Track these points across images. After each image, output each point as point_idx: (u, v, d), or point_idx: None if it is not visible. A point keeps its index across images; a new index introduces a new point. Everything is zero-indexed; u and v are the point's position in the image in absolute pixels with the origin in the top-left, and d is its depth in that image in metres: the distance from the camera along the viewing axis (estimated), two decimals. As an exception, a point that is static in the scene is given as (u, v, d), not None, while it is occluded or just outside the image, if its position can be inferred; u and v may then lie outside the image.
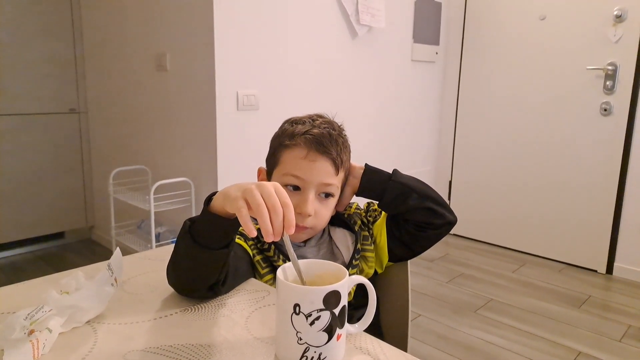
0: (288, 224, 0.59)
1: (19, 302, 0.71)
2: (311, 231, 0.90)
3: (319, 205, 0.88)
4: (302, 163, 0.86)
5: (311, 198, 0.86)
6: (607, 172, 2.59)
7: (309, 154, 0.86)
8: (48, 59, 2.69)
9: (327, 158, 0.86)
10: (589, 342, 1.93)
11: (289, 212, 0.59)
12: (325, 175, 0.86)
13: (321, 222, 0.90)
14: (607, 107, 2.55)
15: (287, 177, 0.87)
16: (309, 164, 0.86)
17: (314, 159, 0.86)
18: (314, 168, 0.86)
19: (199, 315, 0.70)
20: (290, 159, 0.87)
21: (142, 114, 2.51)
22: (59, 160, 2.82)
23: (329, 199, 0.89)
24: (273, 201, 0.59)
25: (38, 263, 2.67)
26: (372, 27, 2.61)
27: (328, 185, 0.87)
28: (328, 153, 0.86)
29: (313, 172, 0.86)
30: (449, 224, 0.92)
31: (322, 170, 0.86)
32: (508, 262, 2.81)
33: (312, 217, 0.86)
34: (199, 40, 2.06)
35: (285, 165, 0.88)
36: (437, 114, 3.28)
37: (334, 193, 0.90)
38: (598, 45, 2.56)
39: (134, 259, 0.91)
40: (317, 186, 0.86)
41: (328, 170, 0.87)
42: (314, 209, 0.86)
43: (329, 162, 0.87)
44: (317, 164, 0.86)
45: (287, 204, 0.60)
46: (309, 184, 0.86)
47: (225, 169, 2.13)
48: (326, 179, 0.87)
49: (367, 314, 0.64)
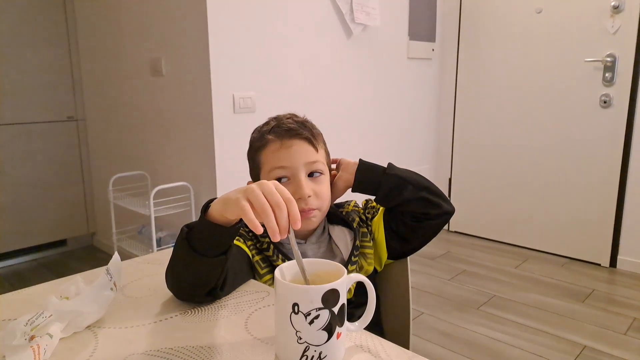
0: (293, 219, 0.59)
1: (20, 308, 0.71)
2: (318, 214, 0.89)
3: (314, 184, 0.89)
4: (280, 153, 0.87)
5: (303, 180, 0.87)
6: (608, 165, 2.59)
7: (283, 142, 0.88)
8: (44, 67, 2.70)
9: (301, 139, 0.88)
10: (594, 336, 1.93)
11: (292, 207, 0.59)
12: (307, 155, 0.88)
13: (325, 201, 0.90)
14: (606, 99, 2.55)
15: (273, 171, 0.88)
16: (286, 150, 0.87)
17: (289, 145, 0.88)
18: (293, 152, 0.87)
19: (199, 317, 0.69)
20: (268, 155, 0.89)
21: (140, 119, 2.51)
22: (59, 168, 2.82)
23: (320, 177, 0.90)
24: (276, 198, 0.59)
25: (41, 271, 2.67)
26: (367, 26, 2.62)
27: (313, 163, 0.89)
28: (300, 134, 0.88)
29: (294, 157, 0.87)
30: (445, 213, 0.92)
31: (301, 151, 0.88)
32: (510, 257, 2.81)
33: (313, 197, 0.87)
34: (194, 44, 2.06)
35: (267, 164, 0.89)
36: (435, 111, 3.27)
37: (322, 170, 0.90)
38: (596, 37, 2.55)
39: (133, 263, 0.91)
40: (304, 167, 0.88)
41: (307, 149, 0.88)
42: (310, 189, 0.87)
43: (305, 142, 0.88)
44: (294, 148, 0.88)
45: (290, 199, 0.60)
46: (295, 169, 0.87)
47: (224, 172, 2.13)
48: (308, 157, 0.88)
49: (367, 312, 0.64)
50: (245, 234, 0.89)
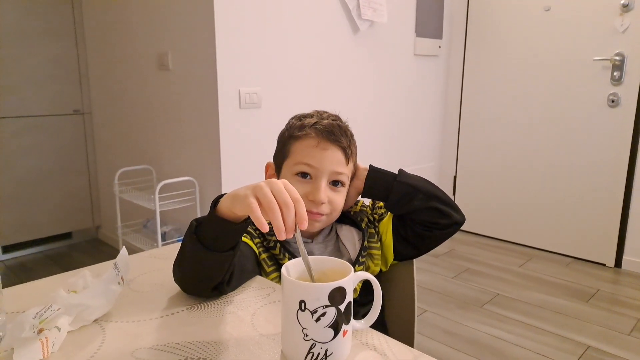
0: (300, 219, 0.59)
1: (28, 301, 0.71)
2: (326, 219, 0.89)
3: (332, 193, 0.88)
4: (313, 151, 0.87)
5: (323, 186, 0.87)
6: (614, 165, 2.57)
7: (320, 142, 0.87)
8: (51, 60, 2.71)
9: (338, 147, 0.88)
10: (598, 336, 1.92)
11: (300, 207, 0.59)
12: (337, 164, 0.88)
13: (336, 211, 0.90)
14: (614, 99, 2.53)
15: (299, 165, 0.88)
16: (320, 152, 0.87)
17: (325, 147, 0.87)
18: (326, 156, 0.87)
19: (206, 312, 0.70)
20: (301, 148, 0.88)
21: (145, 113, 2.52)
22: (65, 161, 2.84)
23: (340, 188, 0.90)
24: (284, 197, 0.59)
25: (46, 263, 2.69)
26: (374, 22, 2.60)
27: (339, 174, 0.88)
28: (339, 142, 0.87)
29: (325, 160, 0.87)
30: (455, 224, 0.91)
31: (333, 158, 0.87)
32: (514, 256, 2.80)
33: (325, 205, 0.87)
34: (201, 39, 2.06)
35: (297, 155, 0.89)
36: (441, 109, 3.26)
37: (344, 182, 0.90)
38: (605, 35, 2.53)
39: (140, 257, 0.92)
40: (329, 174, 0.87)
41: (339, 159, 0.88)
42: (327, 197, 0.87)
43: (340, 151, 0.88)
44: (329, 152, 0.87)
45: (298, 199, 0.60)
46: (320, 172, 0.87)
47: (229, 167, 2.13)
48: (337, 167, 0.88)
49: (373, 310, 0.64)
50: (253, 231, 0.89)
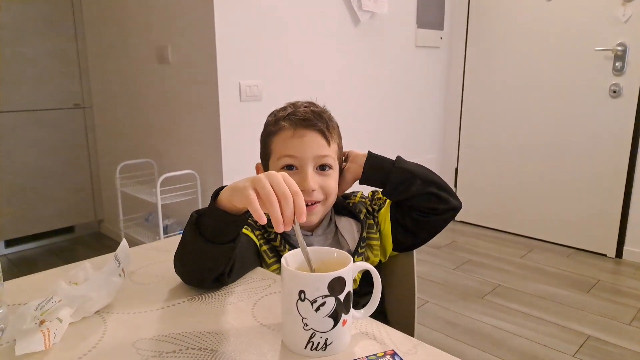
0: (299, 212, 0.58)
1: (30, 293, 0.72)
2: (322, 208, 0.89)
3: (321, 178, 0.88)
4: (292, 141, 0.87)
5: (310, 172, 0.86)
6: (616, 155, 2.56)
7: (296, 131, 0.87)
8: (51, 54, 2.70)
9: (314, 131, 0.87)
10: (598, 326, 1.93)
11: (299, 199, 0.59)
12: (318, 148, 0.87)
13: (330, 196, 0.89)
14: (616, 89, 2.52)
15: (282, 159, 0.88)
16: (298, 140, 0.87)
17: (302, 134, 0.87)
18: (305, 143, 0.87)
19: (207, 303, 0.70)
20: (280, 142, 0.89)
21: (146, 107, 2.51)
22: (66, 155, 2.84)
23: (328, 172, 0.89)
24: (283, 189, 0.58)
25: (49, 257, 2.71)
26: (375, 13, 2.59)
27: (323, 157, 0.88)
28: (314, 126, 0.87)
29: (305, 147, 0.86)
30: (453, 209, 0.91)
31: (313, 143, 0.87)
32: (515, 247, 2.81)
33: (317, 191, 0.87)
34: (200, 32, 2.05)
35: (277, 150, 0.89)
36: (443, 100, 3.25)
37: (331, 164, 0.89)
38: (607, 25, 2.51)
39: (141, 250, 0.92)
40: (313, 160, 0.87)
41: (319, 142, 0.87)
42: (316, 183, 0.86)
43: (318, 134, 0.88)
44: (307, 139, 0.87)
45: (297, 191, 0.59)
46: (304, 160, 0.87)
47: (230, 160, 2.14)
48: (319, 151, 0.87)
49: (373, 300, 0.64)
50: (254, 223, 0.89)
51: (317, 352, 0.57)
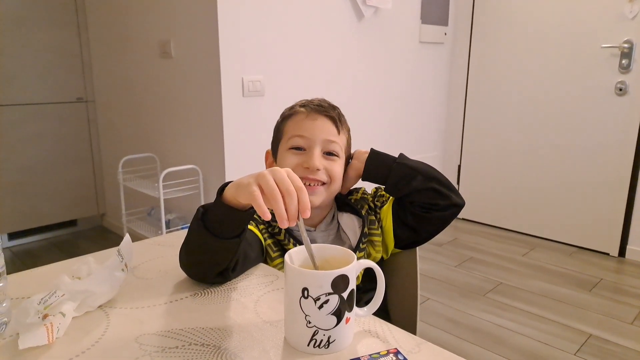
0: (303, 207, 0.58)
1: (33, 287, 0.72)
2: (325, 191, 0.90)
3: (327, 162, 0.90)
4: (304, 123, 0.91)
5: (317, 153, 0.89)
6: (621, 154, 2.55)
7: (310, 114, 0.91)
8: (54, 48, 2.70)
9: (327, 117, 0.91)
10: (600, 325, 1.93)
11: (303, 195, 0.58)
12: (328, 133, 0.90)
13: (335, 181, 0.91)
14: (622, 87, 2.50)
15: (292, 139, 0.90)
16: (311, 122, 0.90)
17: (314, 117, 0.91)
18: (316, 126, 0.90)
19: (209, 299, 0.70)
20: (292, 124, 0.92)
21: (149, 101, 2.51)
22: (69, 149, 2.84)
23: (335, 158, 0.91)
24: (287, 185, 0.58)
25: (51, 250, 2.72)
26: (379, 8, 2.57)
27: (331, 143, 0.90)
28: (327, 113, 0.91)
29: (315, 130, 0.90)
30: (454, 205, 0.91)
31: (324, 127, 0.90)
32: (518, 245, 2.80)
33: (322, 172, 0.89)
34: (203, 26, 2.04)
35: (289, 131, 0.92)
36: (446, 97, 3.24)
37: (338, 153, 0.92)
38: (613, 22, 2.49)
39: (144, 244, 0.92)
40: (322, 143, 0.90)
41: (329, 129, 0.91)
42: (321, 164, 0.89)
43: (330, 121, 0.91)
44: (319, 122, 0.91)
45: (301, 187, 0.59)
46: (313, 142, 0.89)
47: (232, 155, 2.13)
48: (329, 135, 0.90)
49: (376, 298, 0.64)
50: (258, 218, 0.89)
51: (320, 349, 0.57)
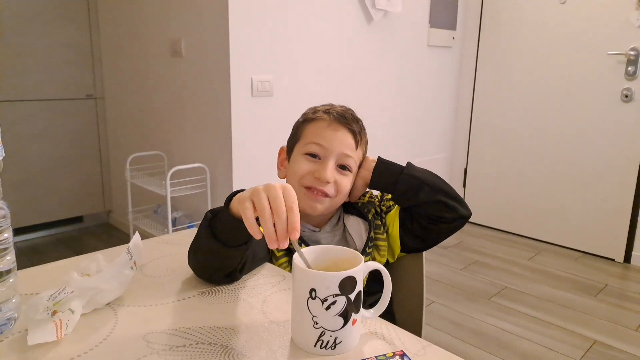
0: (292, 228, 0.57)
1: (42, 283, 0.73)
2: (329, 203, 0.90)
3: (339, 175, 0.89)
4: (325, 131, 0.89)
5: (331, 165, 0.88)
6: (626, 160, 2.54)
7: (332, 124, 0.90)
8: (64, 45, 2.72)
9: (348, 130, 0.90)
10: (605, 331, 1.92)
11: (292, 215, 0.57)
12: (346, 147, 0.89)
13: (341, 195, 0.90)
14: (628, 94, 2.49)
15: (310, 145, 0.90)
16: (331, 132, 0.89)
17: (336, 128, 0.90)
18: (336, 137, 0.89)
19: (217, 298, 0.71)
20: (313, 129, 0.91)
21: (158, 99, 2.52)
22: (77, 145, 2.86)
23: (347, 172, 0.91)
24: (278, 204, 0.57)
25: (58, 246, 2.73)
26: (388, 12, 2.57)
27: (347, 157, 0.90)
28: (350, 126, 0.90)
29: (335, 141, 0.89)
30: (461, 218, 0.91)
31: (343, 140, 0.89)
32: (523, 250, 2.79)
33: (331, 185, 0.88)
34: (214, 26, 2.05)
35: (308, 136, 0.91)
36: (453, 100, 3.23)
37: (351, 167, 0.91)
38: (620, 29, 2.48)
39: (152, 243, 0.93)
40: (337, 156, 0.89)
41: (349, 142, 0.90)
42: (333, 177, 0.88)
43: (350, 135, 0.90)
44: (339, 134, 0.89)
45: (291, 208, 0.57)
46: (329, 153, 0.89)
47: (240, 155, 2.14)
48: (346, 149, 0.89)
49: (382, 300, 0.64)
50: None
51: (327, 350, 0.57)
